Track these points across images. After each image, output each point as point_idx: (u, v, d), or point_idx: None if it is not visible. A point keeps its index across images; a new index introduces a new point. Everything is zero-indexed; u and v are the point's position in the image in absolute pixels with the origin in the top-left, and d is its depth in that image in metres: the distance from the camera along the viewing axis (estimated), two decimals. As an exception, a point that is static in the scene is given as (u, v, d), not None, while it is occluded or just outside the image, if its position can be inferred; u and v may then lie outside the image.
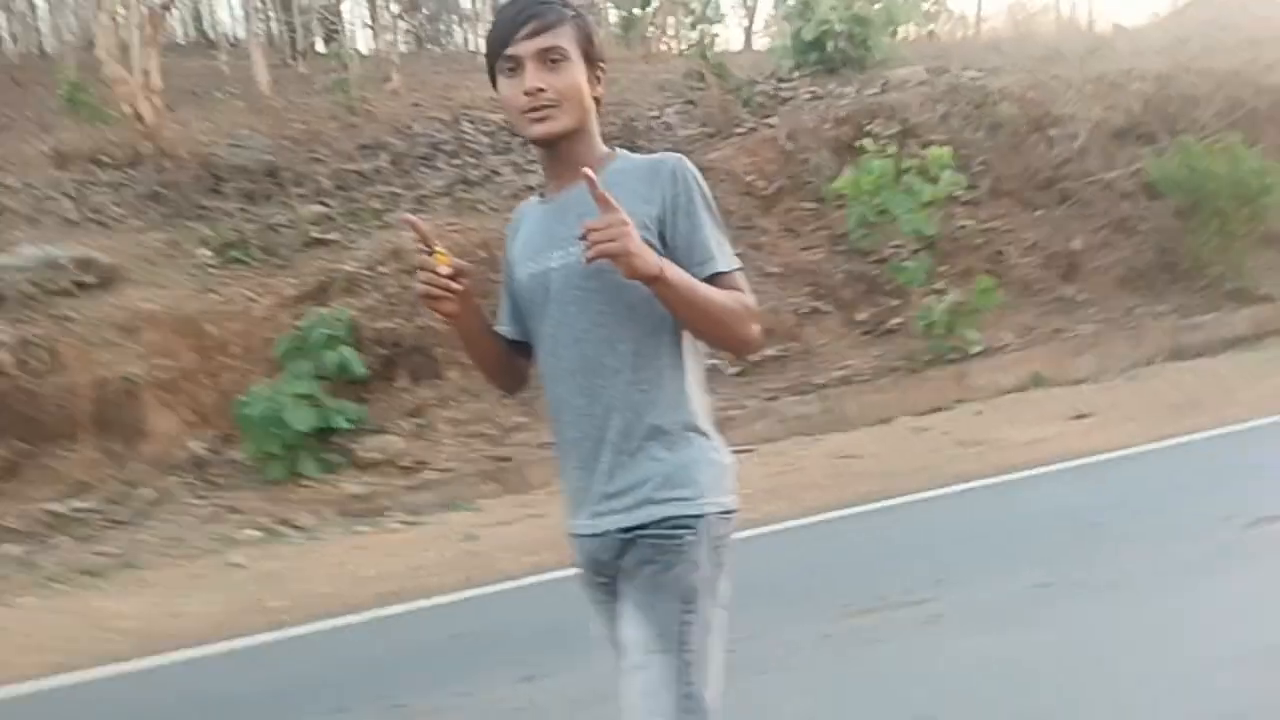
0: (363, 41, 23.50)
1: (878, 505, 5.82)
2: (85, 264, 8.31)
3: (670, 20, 20.81)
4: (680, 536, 1.77)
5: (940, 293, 8.74)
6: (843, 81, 11.73)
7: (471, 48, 27.98)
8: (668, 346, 1.82)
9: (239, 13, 29.25)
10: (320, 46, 26.97)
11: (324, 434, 7.26)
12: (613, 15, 22.84)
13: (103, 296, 8.10)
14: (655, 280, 1.67)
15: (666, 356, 1.82)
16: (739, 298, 1.79)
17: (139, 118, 11.68)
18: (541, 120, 1.79)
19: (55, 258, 8.28)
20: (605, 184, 1.74)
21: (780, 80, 11.99)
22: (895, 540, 5.22)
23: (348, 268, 8.37)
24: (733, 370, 8.27)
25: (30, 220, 9.63)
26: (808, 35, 12.39)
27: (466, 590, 5.13)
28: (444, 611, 4.86)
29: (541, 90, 1.77)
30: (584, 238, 1.64)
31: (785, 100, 11.23)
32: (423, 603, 4.95)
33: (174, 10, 17.93)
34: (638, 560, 1.79)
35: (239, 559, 6.07)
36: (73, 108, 14.11)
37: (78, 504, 6.91)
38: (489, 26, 1.87)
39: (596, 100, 1.87)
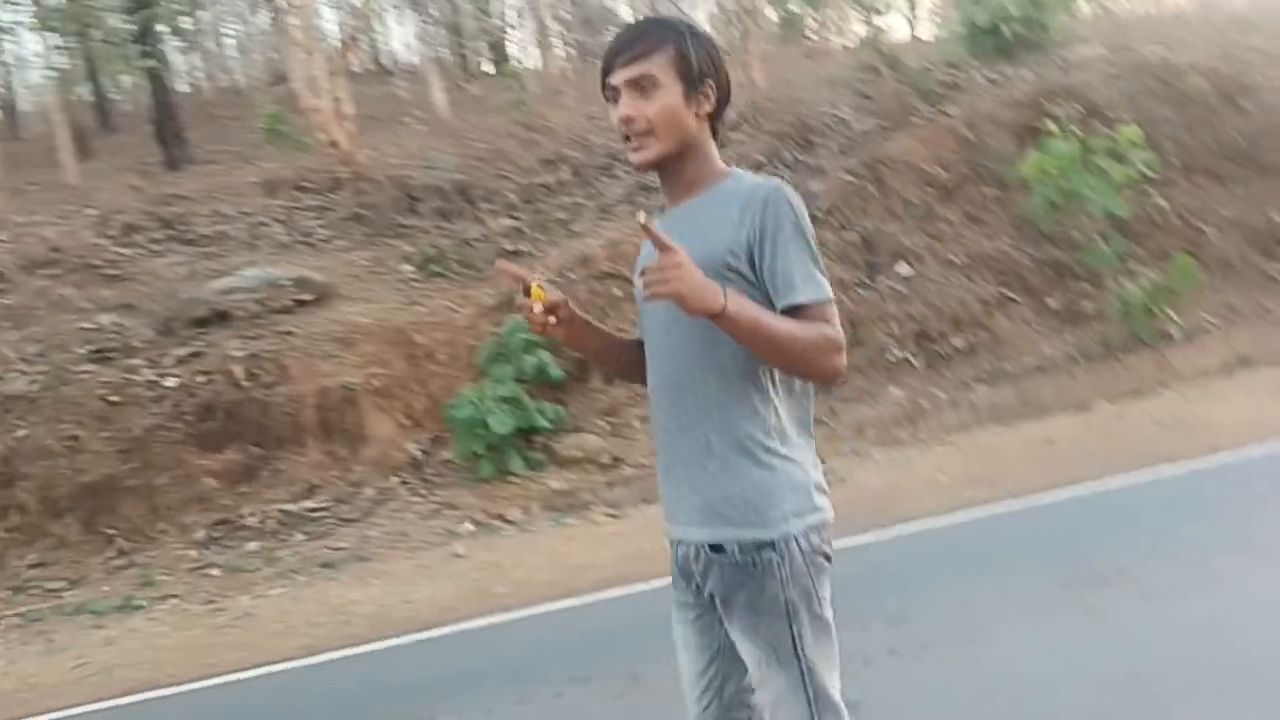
0: (529, 59, 24.23)
1: (1082, 488, 5.75)
2: (302, 283, 8.97)
3: (832, 15, 20.70)
4: (765, 559, 1.83)
5: (1135, 275, 8.49)
6: (1020, 65, 11.50)
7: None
8: (751, 367, 1.84)
9: (412, 41, 30.66)
10: (489, 68, 27.98)
11: (527, 434, 7.63)
12: (772, 14, 22.90)
13: (319, 312, 8.73)
14: (717, 316, 1.69)
15: (750, 377, 1.85)
16: (819, 329, 1.76)
17: (334, 144, 12.48)
18: (636, 149, 1.87)
19: (275, 278, 8.97)
20: (704, 204, 1.87)
21: (954, 68, 11.84)
22: (1102, 521, 5.16)
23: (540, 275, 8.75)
24: (921, 362, 8.27)
25: (248, 245, 10.45)
26: (981, 21, 12.19)
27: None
28: (660, 595, 5.07)
29: (632, 119, 1.83)
30: (642, 275, 1.69)
31: (961, 88, 11.09)
32: (639, 586, 5.18)
33: (359, 41, 18.95)
34: (728, 585, 1.87)
35: (460, 550, 6.48)
36: (272, 138, 15.12)
37: (309, 504, 7.48)
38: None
39: (710, 117, 1.91)
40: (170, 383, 7.94)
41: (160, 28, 18.35)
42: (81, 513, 7.42)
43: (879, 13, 11.78)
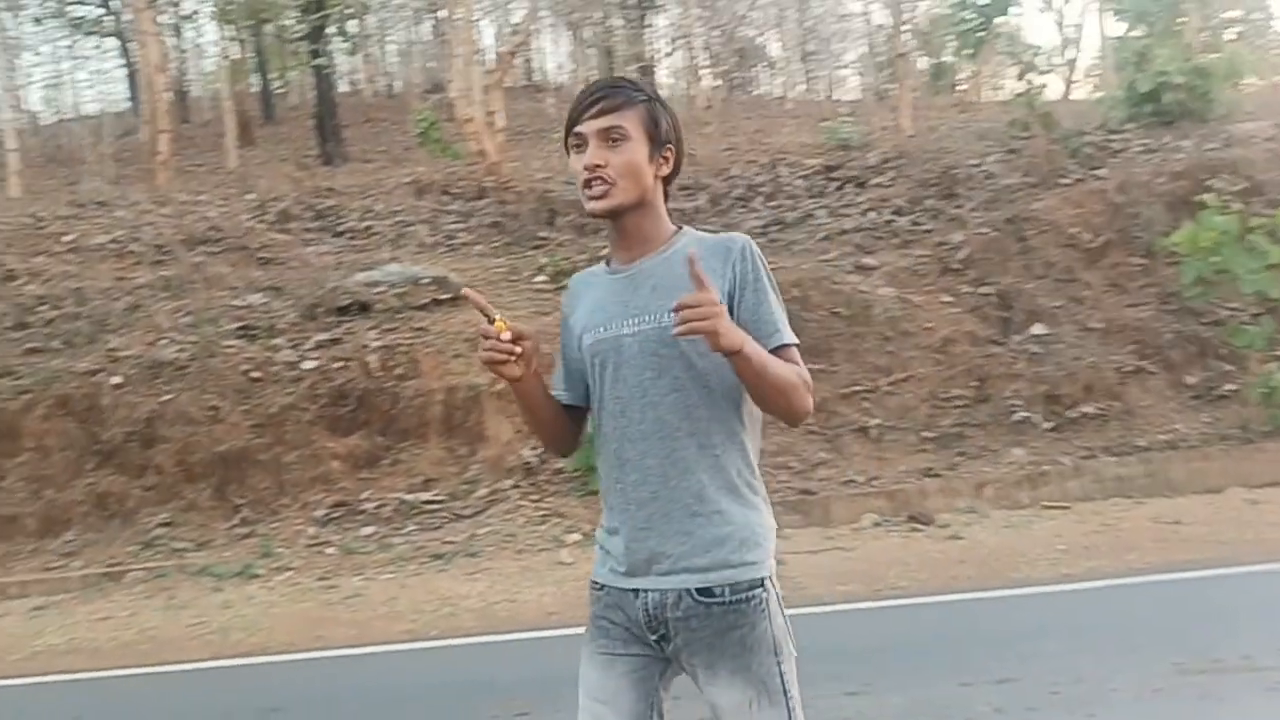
0: (677, 87, 24.51)
1: (1208, 572, 5.55)
2: (440, 282, 9.25)
3: (986, 68, 20.44)
4: (758, 597, 1.85)
5: (1283, 360, 8.17)
6: (1179, 134, 11.18)
7: (779, 94, 28.62)
8: (735, 411, 1.89)
9: (564, 61, 31.37)
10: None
11: (641, 452, 7.71)
12: (922, 62, 22.75)
13: (454, 312, 8.99)
14: (737, 354, 1.72)
15: (734, 420, 1.90)
16: (799, 371, 1.83)
17: (483, 154, 12.86)
18: (598, 196, 1.88)
19: (416, 275, 9.28)
20: (660, 261, 1.91)
21: (1110, 131, 11.58)
22: (1229, 607, 4.98)
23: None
24: (1048, 425, 8.09)
25: (394, 242, 10.84)
26: (1142, 86, 11.89)
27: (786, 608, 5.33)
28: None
29: (599, 166, 1.86)
30: (677, 310, 1.68)
31: (1115, 152, 10.85)
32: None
33: (516, 57, 19.50)
34: (717, 629, 1.85)
35: (566, 558, 6.59)
36: (425, 143, 15.65)
37: (425, 496, 7.70)
38: (569, 110, 1.95)
39: (666, 180, 1.95)
40: (308, 365, 8.28)
41: (330, 29, 19.18)
42: (213, 479, 7.80)
43: (1037, 70, 11.56)
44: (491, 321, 1.84)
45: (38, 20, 24.78)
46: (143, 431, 7.94)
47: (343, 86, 25.26)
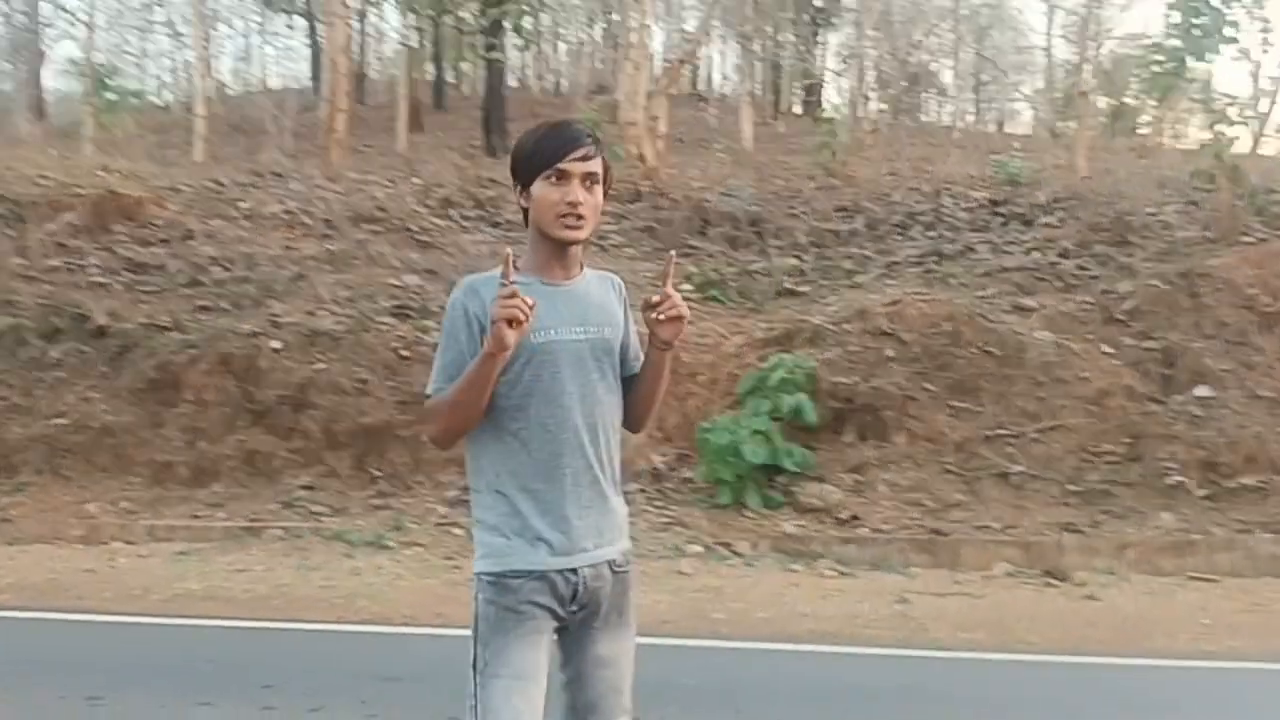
0: (842, 107, 24.24)
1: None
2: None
3: (1170, 114, 19.57)
4: (632, 566, 2.35)
5: None
6: (1377, 200, 10.47)
7: (946, 122, 28.03)
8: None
9: (730, 72, 31.42)
10: (799, 109, 28.27)
11: (770, 471, 7.64)
12: (1102, 101, 21.91)
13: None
14: (670, 348, 2.25)
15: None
16: None
17: (642, 159, 12.98)
18: (574, 229, 2.19)
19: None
20: (587, 282, 2.30)
21: (1303, 191, 10.91)
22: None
23: (815, 320, 8.75)
24: (1202, 492, 7.67)
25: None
26: (1343, 145, 11.20)
27: (900, 649, 5.22)
28: (880, 662, 4.99)
29: (581, 203, 2.17)
30: (654, 306, 2.16)
31: (1307, 213, 10.22)
32: (859, 649, 5.11)
33: (685, 65, 19.63)
34: (621, 590, 2.29)
35: (685, 568, 6.58)
36: (586, 143, 15.85)
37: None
38: (538, 139, 2.23)
39: None
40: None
41: (507, 24, 19.65)
42: (355, 450, 8.07)
43: (1228, 121, 10.97)
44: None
45: (236, -5, 26.14)
46: (294, 396, 8.27)
47: (511, 81, 25.84)
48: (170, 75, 30.29)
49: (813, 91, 27.22)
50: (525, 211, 2.26)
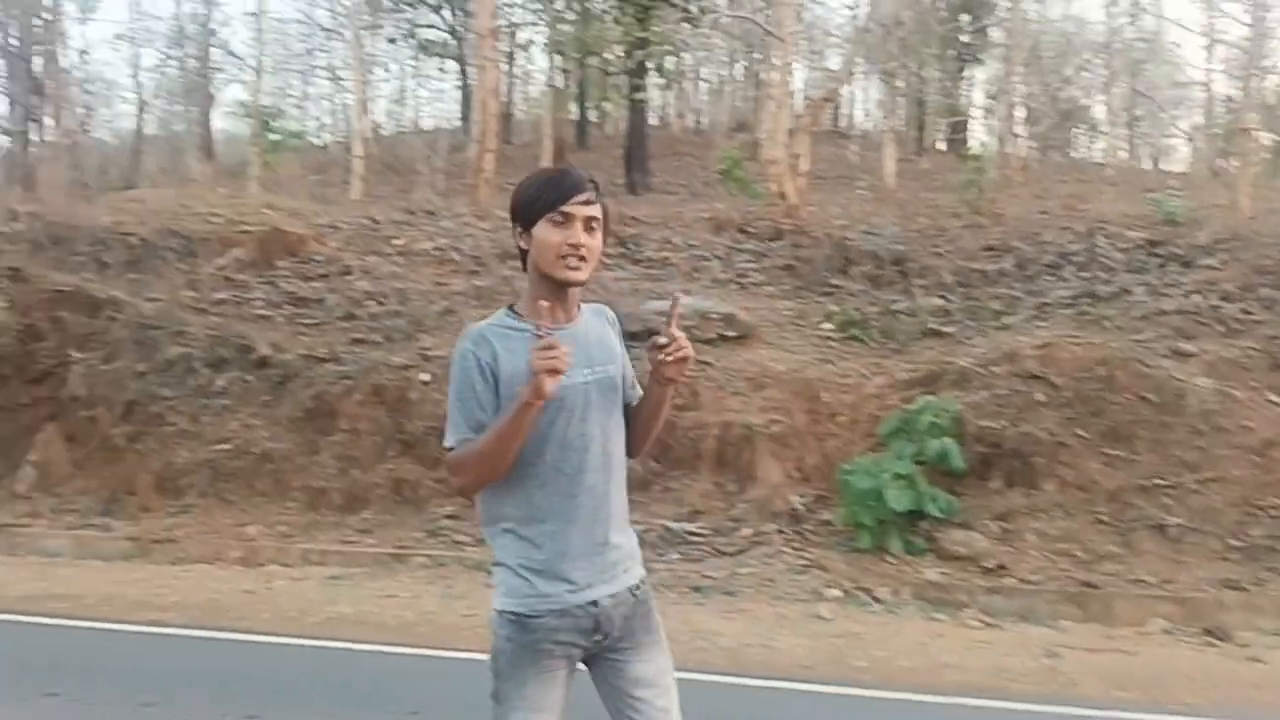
0: (989, 144, 23.76)
1: None
2: (729, 320, 9.40)
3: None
4: (648, 587, 2.50)
5: None
6: None
7: (1098, 159, 27.14)
8: None
9: (872, 109, 31.15)
10: (943, 145, 27.83)
11: (913, 517, 7.48)
12: (1266, 138, 20.87)
13: (738, 350, 9.10)
14: (675, 383, 2.36)
15: None
16: None
17: (782, 196, 12.96)
18: (575, 270, 2.28)
19: (706, 310, 9.47)
20: (586, 321, 2.40)
21: None
22: None
23: (961, 362, 8.56)
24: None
25: (687, 275, 11.11)
26: None
27: (1049, 705, 5.03)
28: (1028, 718, 4.83)
29: (584, 246, 2.27)
30: (662, 348, 2.25)
31: None
32: (1006, 704, 4.95)
33: (829, 103, 19.58)
34: (646, 612, 2.43)
35: (824, 613, 6.48)
36: (727, 180, 15.98)
37: (690, 527, 7.81)
38: (542, 183, 2.33)
39: None
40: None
41: (649, 65, 19.99)
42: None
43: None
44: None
45: (391, 40, 27.35)
46: (441, 427, 8.48)
47: (652, 119, 26.22)
48: (329, 117, 31.81)
49: (958, 128, 26.78)
50: (524, 255, 2.36)
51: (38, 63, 23.66)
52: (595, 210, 2.31)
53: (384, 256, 11.39)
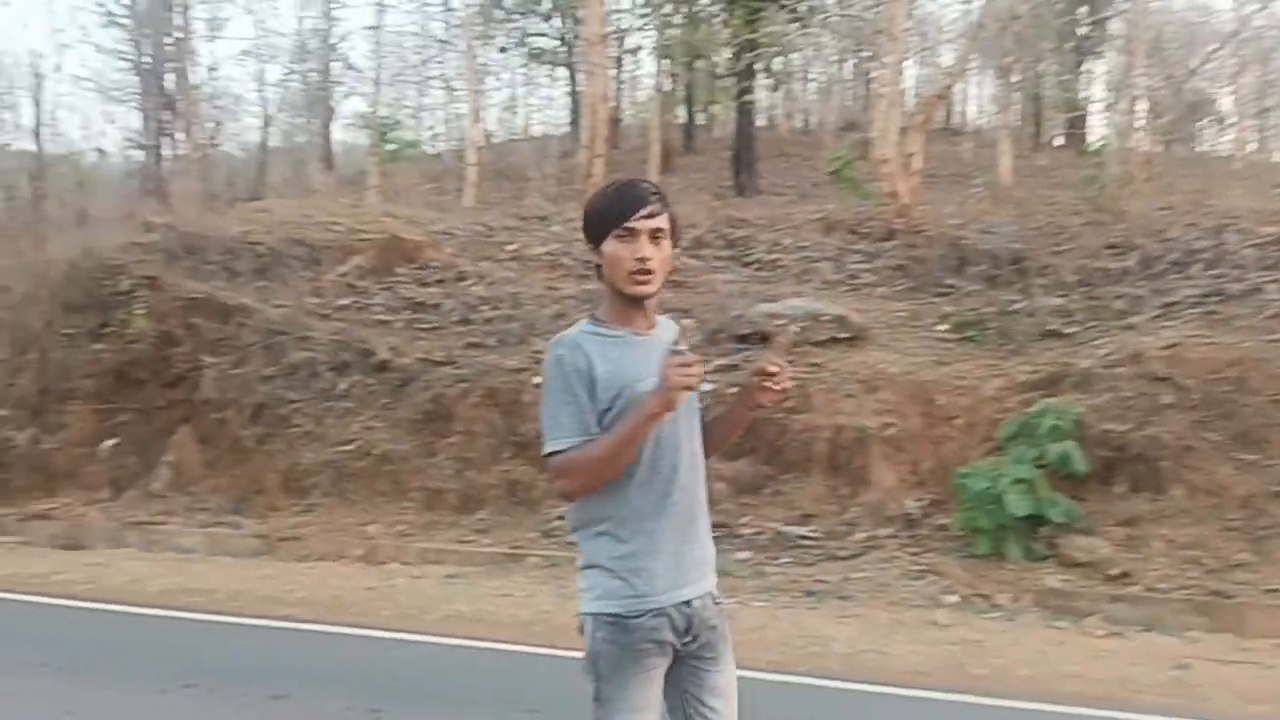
0: (1109, 138, 23.00)
1: None
2: (840, 321, 9.31)
3: None
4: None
5: None
6: None
7: (1225, 152, 26.04)
8: None
9: (986, 105, 30.46)
10: (1060, 140, 27.04)
11: (1033, 522, 7.30)
12: None
13: (850, 353, 9.01)
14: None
15: None
16: None
17: (894, 195, 12.77)
18: (644, 283, 2.32)
19: (817, 312, 9.40)
20: (662, 331, 2.42)
21: None
22: None
23: (1083, 363, 8.32)
24: None
25: (798, 277, 11.05)
26: None
27: (1177, 718, 4.86)
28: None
29: (650, 259, 2.30)
30: (768, 375, 2.36)
31: None
32: (1132, 715, 4.81)
33: (942, 100, 19.22)
34: (720, 619, 2.44)
35: (941, 619, 6.38)
36: (838, 181, 15.79)
37: (802, 530, 7.77)
38: (606, 199, 2.36)
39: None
40: (706, 387, 8.56)
41: (757, 67, 19.91)
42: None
43: None
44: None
45: (502, 49, 27.80)
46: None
47: (760, 121, 26.10)
48: (443, 126, 32.47)
49: (1076, 123, 25.97)
50: (598, 267, 2.39)
51: (169, 79, 24.72)
52: (660, 221, 2.32)
53: (497, 262, 11.61)
